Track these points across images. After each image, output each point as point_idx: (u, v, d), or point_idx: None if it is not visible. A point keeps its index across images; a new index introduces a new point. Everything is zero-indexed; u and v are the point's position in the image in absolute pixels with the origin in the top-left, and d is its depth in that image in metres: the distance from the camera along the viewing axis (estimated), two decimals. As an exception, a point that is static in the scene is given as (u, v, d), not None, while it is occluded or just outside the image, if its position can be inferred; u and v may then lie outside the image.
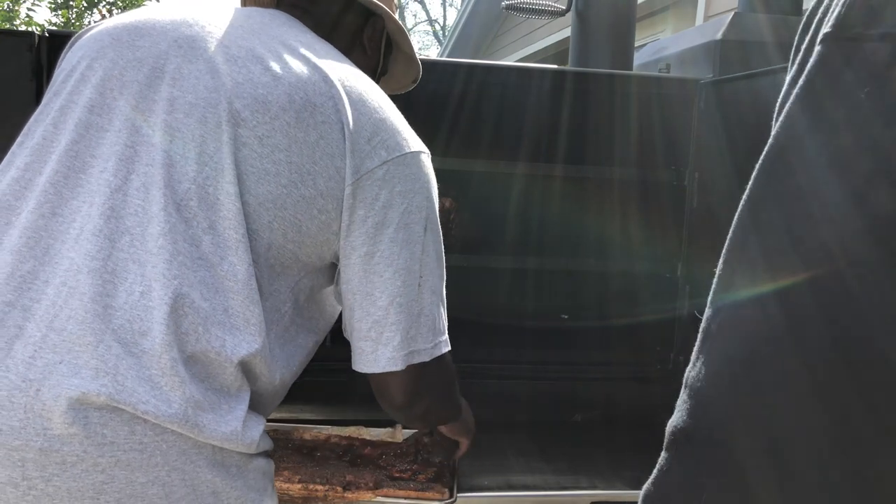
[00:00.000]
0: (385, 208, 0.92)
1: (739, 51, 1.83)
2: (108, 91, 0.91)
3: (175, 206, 0.85)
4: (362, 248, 0.93)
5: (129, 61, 0.92)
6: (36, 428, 0.77)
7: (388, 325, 0.93)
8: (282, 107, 0.89)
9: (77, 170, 0.88)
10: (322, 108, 0.90)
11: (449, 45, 9.85)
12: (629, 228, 1.94)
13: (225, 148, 0.87)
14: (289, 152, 0.88)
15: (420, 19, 23.78)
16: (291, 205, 0.89)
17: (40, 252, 0.84)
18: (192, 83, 0.90)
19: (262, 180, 0.88)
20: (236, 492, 0.87)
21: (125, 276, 0.83)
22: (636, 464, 1.70)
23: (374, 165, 0.92)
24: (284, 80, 0.90)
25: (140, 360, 0.80)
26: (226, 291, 0.86)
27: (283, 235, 0.90)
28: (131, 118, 0.89)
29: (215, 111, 0.88)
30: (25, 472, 0.77)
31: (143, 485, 0.80)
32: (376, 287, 0.93)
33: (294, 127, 0.89)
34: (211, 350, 0.84)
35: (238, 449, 0.86)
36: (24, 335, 0.80)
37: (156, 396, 0.80)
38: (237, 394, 0.87)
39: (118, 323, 0.81)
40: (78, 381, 0.78)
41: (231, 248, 0.86)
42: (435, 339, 0.98)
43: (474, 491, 1.46)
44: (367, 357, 0.95)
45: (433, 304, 0.98)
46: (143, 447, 0.80)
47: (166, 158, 0.87)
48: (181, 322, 0.83)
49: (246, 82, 0.90)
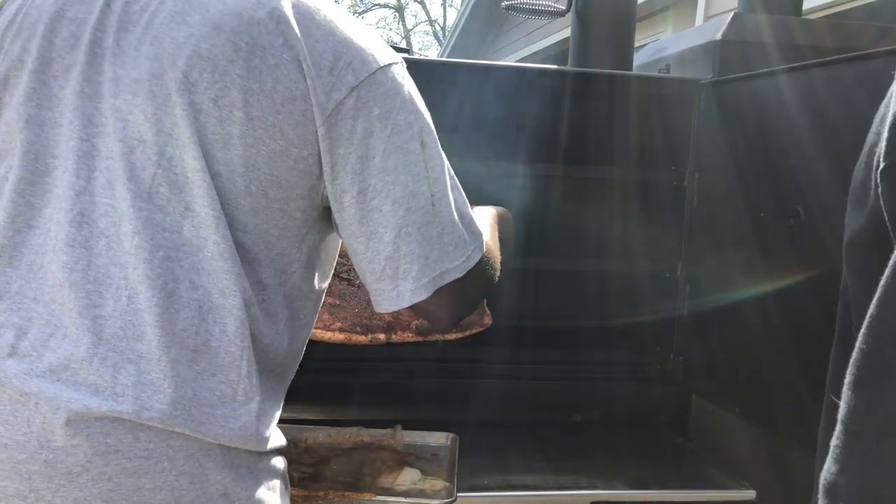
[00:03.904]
0: (365, 138, 0.84)
1: (739, 51, 1.83)
2: (52, 78, 0.84)
3: (145, 196, 0.80)
4: (353, 188, 0.86)
5: (65, 39, 0.84)
6: (39, 441, 0.76)
7: (402, 258, 0.87)
8: (229, 58, 0.81)
9: (41, 173, 0.83)
10: (271, 48, 0.81)
11: (449, 45, 9.85)
12: (629, 228, 1.94)
13: (181, 121, 0.80)
14: (247, 108, 0.81)
15: (420, 19, 23.76)
16: (264, 163, 0.83)
17: (24, 270, 0.81)
18: (133, 56, 0.82)
19: (228, 145, 0.81)
20: (247, 492, 0.84)
21: (109, 282, 0.80)
22: (636, 464, 1.71)
23: (342, 96, 0.83)
24: (226, 27, 0.82)
25: (139, 365, 0.78)
26: (217, 272, 0.81)
27: (265, 196, 0.84)
28: (80, 107, 0.82)
29: (161, 83, 0.81)
30: (33, 485, 0.76)
31: (151, 491, 0.78)
32: (378, 224, 0.86)
33: (246, 79, 0.81)
34: (213, 339, 0.81)
35: (248, 447, 0.83)
36: (17, 353, 0.78)
37: (159, 401, 0.78)
38: (249, 382, 0.83)
39: (111, 332, 0.78)
40: (77, 396, 0.76)
41: (211, 225, 0.81)
42: (466, 252, 0.92)
43: (474, 491, 1.46)
44: (389, 295, 0.89)
45: (453, 218, 0.91)
46: (148, 454, 0.78)
47: (124, 147, 0.81)
48: (175, 320, 0.80)
49: (187, 40, 0.81)
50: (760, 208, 1.60)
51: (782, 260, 1.53)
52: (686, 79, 1.91)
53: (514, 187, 1.92)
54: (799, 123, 1.48)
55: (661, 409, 1.97)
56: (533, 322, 1.97)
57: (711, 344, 1.84)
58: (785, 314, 1.51)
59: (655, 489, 1.58)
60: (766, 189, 1.59)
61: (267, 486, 0.88)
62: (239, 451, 0.83)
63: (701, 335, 1.89)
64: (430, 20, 21.32)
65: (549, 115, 1.89)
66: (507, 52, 8.72)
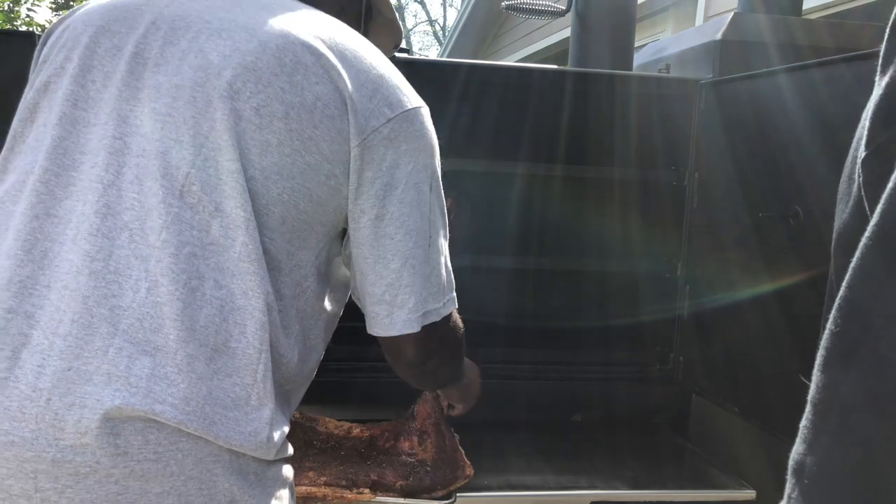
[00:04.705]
0: (392, 169, 0.90)
1: (739, 51, 1.83)
2: (90, 83, 0.88)
3: (177, 194, 0.82)
4: (372, 211, 0.91)
5: (108, 49, 0.89)
6: (48, 438, 0.75)
7: (403, 288, 0.92)
8: (273, 72, 0.85)
9: (68, 167, 0.85)
10: (314, 68, 0.87)
11: (449, 45, 9.84)
12: (629, 228, 1.94)
13: (219, 125, 0.84)
14: (287, 119, 0.85)
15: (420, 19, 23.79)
16: (298, 173, 0.86)
17: (38, 255, 0.81)
18: (176, 65, 0.86)
19: (265, 152, 0.85)
20: (254, 500, 0.84)
21: (129, 273, 0.80)
22: (636, 464, 1.71)
23: (379, 124, 0.89)
24: (271, 45, 0.86)
25: (154, 358, 0.78)
26: (242, 273, 0.83)
27: (296, 206, 0.87)
28: (117, 109, 0.86)
29: (203, 90, 0.85)
30: (38, 484, 0.75)
31: (158, 495, 0.77)
32: (388, 250, 0.91)
33: (288, 92, 0.85)
34: (232, 339, 0.81)
35: (258, 453, 0.83)
36: (30, 343, 0.77)
37: (172, 395, 0.77)
38: (263, 387, 0.83)
39: (128, 323, 0.78)
40: (90, 389, 0.76)
41: (241, 226, 0.83)
42: (444, 298, 0.98)
43: (474, 491, 1.46)
44: (383, 321, 0.94)
45: (440, 262, 0.97)
46: (157, 456, 0.77)
47: (160, 147, 0.83)
48: (197, 316, 0.80)
49: (233, 53, 0.86)
50: (760, 208, 1.60)
51: (782, 260, 1.53)
52: (686, 79, 1.91)
53: (514, 187, 1.92)
54: (799, 123, 1.48)
55: (661, 409, 1.97)
56: (533, 322, 1.97)
57: (711, 344, 1.85)
58: (785, 314, 1.51)
59: (655, 489, 1.58)
60: (766, 189, 1.59)
61: (274, 495, 0.87)
62: (247, 458, 0.83)
63: (701, 335, 1.89)
64: (430, 20, 21.35)
65: (549, 115, 1.89)
66: (507, 52, 8.71)
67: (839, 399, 0.43)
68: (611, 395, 1.96)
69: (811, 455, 0.44)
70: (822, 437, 0.44)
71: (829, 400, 0.44)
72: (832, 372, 0.44)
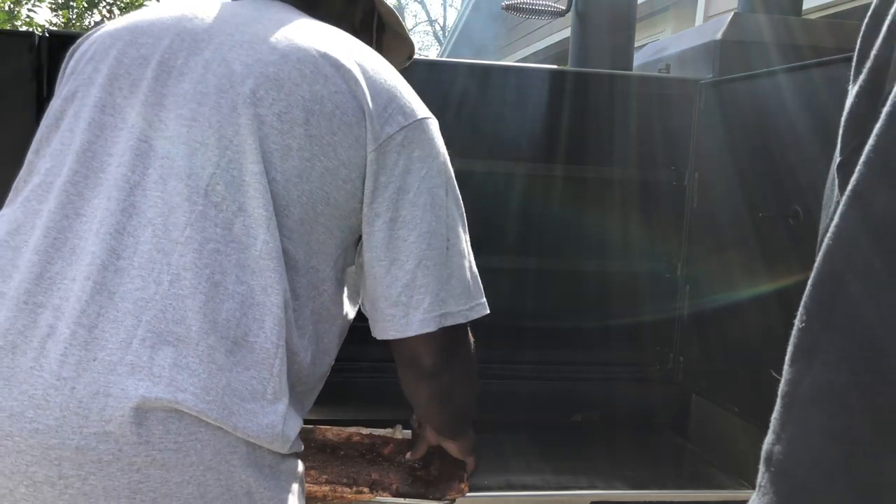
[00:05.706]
0: (404, 174, 0.94)
1: (739, 51, 1.83)
2: (118, 90, 0.92)
3: (202, 192, 0.85)
4: (386, 215, 0.94)
5: (134, 59, 0.93)
6: (72, 426, 0.77)
7: (418, 288, 0.94)
8: (294, 82, 0.90)
9: (96, 169, 0.88)
10: (333, 78, 0.92)
11: (449, 45, 9.85)
12: (629, 228, 1.94)
13: (244, 130, 0.88)
14: (307, 126, 0.89)
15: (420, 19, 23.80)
16: (317, 177, 0.90)
17: (68, 252, 0.84)
18: (201, 73, 0.91)
19: (287, 156, 0.89)
20: (269, 492, 0.86)
21: (151, 267, 0.83)
22: (636, 464, 1.71)
23: (393, 131, 0.93)
24: (292, 56, 0.92)
25: (177, 347, 0.80)
26: (262, 270, 0.86)
27: (314, 209, 0.91)
28: (143, 114, 0.90)
29: (227, 96, 0.89)
30: (62, 471, 0.77)
31: (178, 484, 0.79)
32: (402, 251, 0.94)
33: (309, 100, 0.90)
34: (251, 334, 0.84)
35: (273, 446, 0.85)
36: (55, 334, 0.80)
37: (193, 384, 0.79)
38: (279, 382, 0.86)
39: (151, 314, 0.81)
40: (114, 378, 0.78)
41: (262, 225, 0.86)
42: (470, 302, 1.00)
43: (474, 491, 1.46)
44: (399, 322, 0.95)
45: (464, 266, 0.99)
46: (177, 446, 0.79)
47: (185, 149, 0.87)
48: (220, 309, 0.83)
49: (255, 63, 0.91)
50: (760, 208, 1.60)
51: (782, 260, 1.53)
52: (686, 79, 1.91)
53: (514, 187, 1.92)
54: (799, 123, 1.48)
55: (661, 409, 1.97)
56: (533, 322, 1.97)
57: (711, 344, 1.85)
58: (785, 314, 1.51)
59: (655, 489, 1.58)
60: (765, 189, 1.59)
61: (287, 488, 0.90)
62: (263, 450, 0.85)
63: (701, 335, 1.89)
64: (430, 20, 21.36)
65: (549, 115, 1.89)
66: (507, 52, 8.72)
67: (803, 391, 0.46)
68: (611, 395, 1.96)
69: (778, 444, 0.46)
70: (787, 426, 0.46)
71: (793, 392, 0.46)
72: (799, 366, 0.47)
